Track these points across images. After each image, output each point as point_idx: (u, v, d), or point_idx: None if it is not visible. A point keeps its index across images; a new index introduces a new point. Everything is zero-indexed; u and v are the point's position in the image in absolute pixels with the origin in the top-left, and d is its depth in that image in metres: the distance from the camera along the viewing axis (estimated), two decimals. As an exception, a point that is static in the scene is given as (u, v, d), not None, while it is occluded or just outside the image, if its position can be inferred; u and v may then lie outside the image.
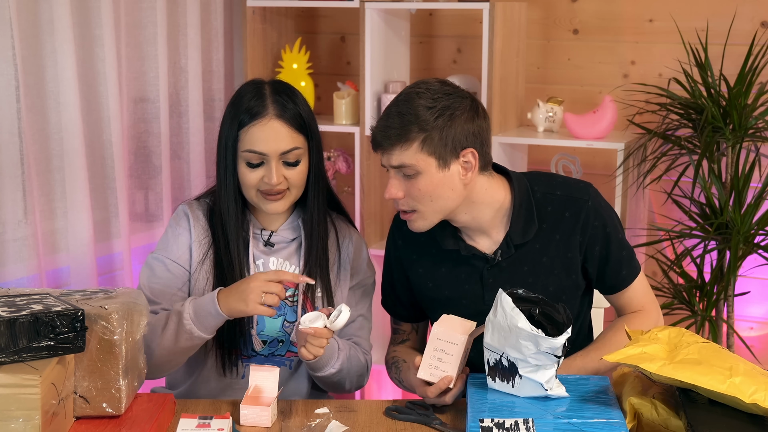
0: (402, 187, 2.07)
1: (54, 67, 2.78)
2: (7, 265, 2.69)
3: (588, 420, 1.78)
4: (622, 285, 2.22)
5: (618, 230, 2.19)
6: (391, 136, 2.03)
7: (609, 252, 2.17)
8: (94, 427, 1.82)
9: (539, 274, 2.15)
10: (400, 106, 2.05)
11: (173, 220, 2.27)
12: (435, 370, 1.98)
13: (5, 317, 1.62)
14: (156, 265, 2.23)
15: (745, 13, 3.27)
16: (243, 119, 2.16)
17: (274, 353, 2.26)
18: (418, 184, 2.05)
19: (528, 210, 2.14)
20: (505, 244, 2.15)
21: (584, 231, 2.14)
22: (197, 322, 2.07)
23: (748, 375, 1.75)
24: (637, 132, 3.28)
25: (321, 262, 2.25)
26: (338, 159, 3.64)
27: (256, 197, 2.18)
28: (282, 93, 2.19)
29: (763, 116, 3.06)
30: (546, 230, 2.15)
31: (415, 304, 2.33)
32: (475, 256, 2.17)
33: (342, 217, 2.36)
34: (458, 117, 2.04)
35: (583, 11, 3.50)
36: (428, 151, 2.02)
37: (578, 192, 2.17)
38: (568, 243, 2.15)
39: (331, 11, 3.87)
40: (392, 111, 2.05)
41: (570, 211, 2.15)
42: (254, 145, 2.14)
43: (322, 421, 1.93)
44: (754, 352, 3.22)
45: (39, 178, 2.78)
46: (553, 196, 2.16)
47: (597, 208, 2.15)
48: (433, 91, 2.05)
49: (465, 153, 2.05)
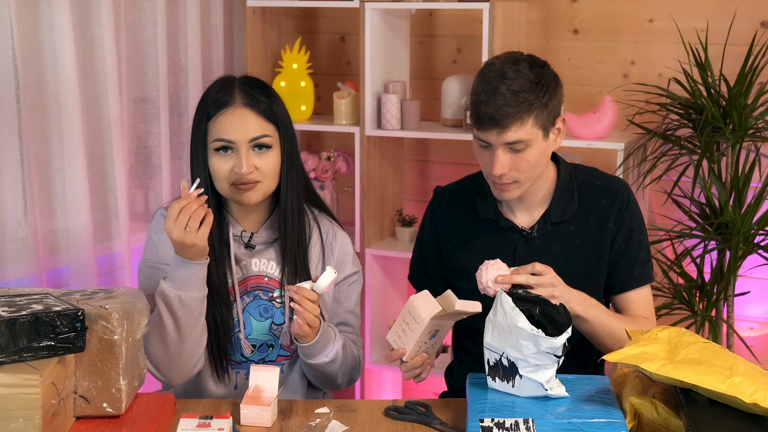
0: (509, 162, 2.12)
1: (54, 67, 2.78)
2: (7, 265, 2.69)
3: (588, 420, 1.78)
4: (629, 285, 2.25)
5: (642, 231, 2.27)
6: (510, 115, 2.07)
7: (628, 247, 2.24)
8: (95, 427, 1.82)
9: (569, 255, 2.22)
10: (507, 84, 2.07)
11: (154, 226, 2.25)
12: (398, 339, 2.02)
13: (5, 317, 1.62)
14: (150, 272, 2.22)
15: (745, 13, 3.27)
16: (210, 111, 2.15)
17: (264, 359, 2.24)
18: (527, 156, 2.11)
19: (569, 191, 2.24)
20: (543, 221, 2.23)
21: (615, 219, 2.23)
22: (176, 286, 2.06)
23: (748, 375, 1.75)
24: (637, 132, 3.28)
25: (299, 257, 2.22)
26: (338, 159, 3.64)
27: (229, 190, 2.15)
28: (253, 86, 2.17)
29: (763, 116, 3.06)
30: (582, 214, 2.24)
31: (444, 278, 2.35)
32: (511, 228, 2.24)
33: (325, 214, 2.33)
34: (554, 88, 2.14)
35: (583, 11, 3.50)
36: (539, 124, 2.11)
37: (616, 184, 2.28)
38: (600, 229, 2.23)
39: (331, 11, 3.87)
40: (502, 89, 2.07)
41: (606, 199, 2.25)
42: (222, 133, 2.12)
43: (322, 421, 1.93)
44: (754, 352, 3.22)
45: (39, 178, 2.78)
46: (592, 185, 2.27)
47: (630, 202, 2.25)
48: (529, 64, 2.12)
49: (558, 121, 2.16)
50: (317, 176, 3.63)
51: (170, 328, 2.09)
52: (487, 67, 2.14)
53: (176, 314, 2.08)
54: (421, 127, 3.49)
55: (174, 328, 2.09)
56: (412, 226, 3.62)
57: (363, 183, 3.49)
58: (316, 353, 2.14)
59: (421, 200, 3.82)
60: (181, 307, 2.08)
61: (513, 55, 2.15)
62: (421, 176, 3.84)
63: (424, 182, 3.83)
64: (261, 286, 2.22)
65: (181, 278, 2.08)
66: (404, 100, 3.45)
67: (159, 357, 2.11)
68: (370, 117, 3.43)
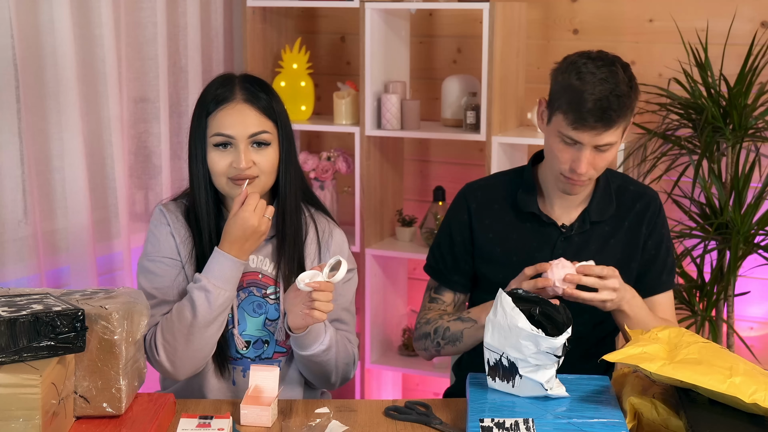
0: (592, 162, 2.15)
1: (54, 67, 2.78)
2: (7, 265, 2.69)
3: (588, 420, 1.78)
4: (658, 289, 2.31)
5: (670, 238, 2.35)
6: (613, 119, 2.10)
7: (659, 252, 2.30)
8: (95, 427, 1.82)
9: (605, 255, 2.25)
10: (611, 87, 2.09)
11: (155, 221, 2.25)
12: None
13: (5, 317, 1.62)
14: (153, 266, 2.21)
15: (745, 13, 3.27)
16: (210, 107, 2.16)
17: (260, 356, 2.24)
18: (608, 155, 2.16)
19: (608, 193, 2.29)
20: (582, 219, 2.27)
21: (648, 223, 2.29)
22: (220, 283, 2.11)
23: (748, 375, 1.76)
24: (637, 132, 3.28)
25: (294, 254, 2.23)
26: (338, 159, 3.64)
27: (227, 185, 2.16)
28: (253, 83, 2.19)
29: (763, 116, 3.06)
30: (617, 216, 2.29)
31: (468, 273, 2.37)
32: (552, 225, 2.27)
33: (321, 213, 2.34)
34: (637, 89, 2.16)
35: (583, 11, 3.50)
36: (624, 126, 2.16)
37: (649, 190, 2.35)
38: (634, 232, 2.28)
39: (331, 11, 3.87)
40: (604, 91, 2.08)
41: (640, 203, 2.31)
42: (222, 128, 2.13)
43: (322, 421, 1.93)
44: (754, 352, 3.22)
45: (39, 178, 2.78)
46: (627, 189, 2.33)
47: (662, 210, 2.32)
48: (620, 65, 2.14)
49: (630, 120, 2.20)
50: (317, 176, 3.63)
51: (202, 322, 2.10)
52: (580, 64, 2.14)
53: (213, 309, 2.11)
54: (421, 127, 3.49)
55: (206, 322, 2.11)
56: (412, 226, 3.62)
57: (363, 183, 3.49)
58: (312, 342, 2.14)
59: (421, 200, 3.82)
60: (221, 303, 2.11)
61: (602, 55, 2.16)
62: (421, 176, 3.84)
63: (424, 182, 3.83)
64: (255, 283, 2.23)
65: (228, 276, 2.12)
66: (404, 100, 3.45)
67: (176, 348, 2.12)
68: (370, 117, 3.43)
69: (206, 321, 2.11)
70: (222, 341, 2.19)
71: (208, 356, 2.17)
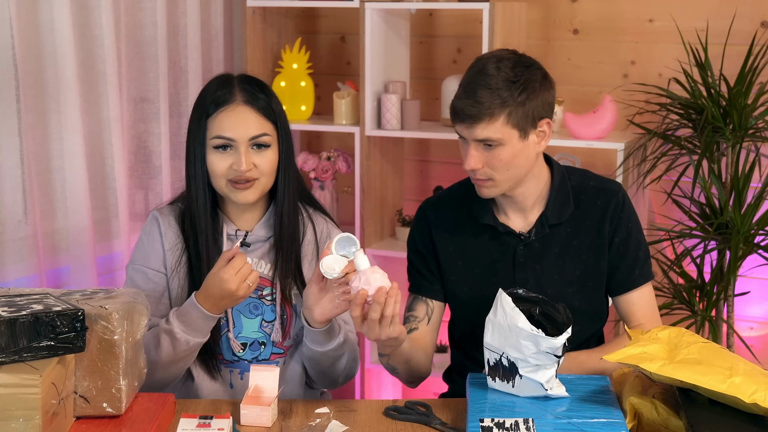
0: (482, 158, 2.12)
1: (54, 67, 2.78)
2: (7, 265, 2.69)
3: (588, 420, 1.78)
4: (632, 284, 2.25)
5: (639, 230, 2.27)
6: (478, 113, 2.06)
7: (628, 248, 2.23)
8: (95, 427, 1.82)
9: (568, 257, 2.22)
10: (483, 80, 2.07)
11: (147, 227, 2.25)
12: None
13: (5, 317, 1.62)
14: (137, 276, 2.21)
15: (745, 13, 3.27)
16: (209, 109, 2.15)
17: (257, 358, 2.23)
18: (499, 154, 2.10)
19: (564, 193, 2.23)
20: (540, 224, 2.21)
21: (612, 220, 2.22)
22: (188, 331, 2.08)
23: (748, 375, 1.75)
24: (637, 132, 3.28)
25: (291, 255, 2.22)
26: (338, 159, 3.64)
27: (226, 187, 2.15)
28: (252, 84, 2.18)
29: (763, 116, 3.06)
30: (578, 216, 2.23)
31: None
32: (509, 233, 2.23)
33: (320, 213, 2.33)
34: (537, 89, 2.10)
35: (583, 11, 3.50)
36: (512, 123, 2.08)
37: (610, 185, 2.27)
38: (597, 229, 2.22)
39: (331, 11, 3.87)
40: (475, 85, 2.08)
41: (601, 200, 2.24)
42: (222, 131, 2.13)
43: (322, 421, 1.93)
44: (754, 352, 3.22)
45: (39, 178, 2.78)
46: (586, 186, 2.26)
47: (625, 203, 2.25)
48: (513, 63, 2.09)
49: (542, 123, 2.13)
50: (317, 176, 3.63)
51: (165, 362, 2.11)
52: (475, 62, 2.15)
53: (177, 354, 2.10)
54: (421, 127, 3.49)
55: (169, 363, 2.12)
56: (412, 226, 3.62)
57: (363, 183, 3.49)
58: (332, 336, 2.11)
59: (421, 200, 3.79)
60: (185, 349, 2.10)
61: (501, 53, 2.14)
62: (421, 176, 3.84)
63: (424, 182, 3.83)
64: None
65: (197, 326, 2.09)
66: (404, 100, 3.45)
67: None
68: (370, 117, 3.43)
69: (169, 362, 2.11)
70: (211, 345, 2.19)
71: (177, 379, 2.18)
